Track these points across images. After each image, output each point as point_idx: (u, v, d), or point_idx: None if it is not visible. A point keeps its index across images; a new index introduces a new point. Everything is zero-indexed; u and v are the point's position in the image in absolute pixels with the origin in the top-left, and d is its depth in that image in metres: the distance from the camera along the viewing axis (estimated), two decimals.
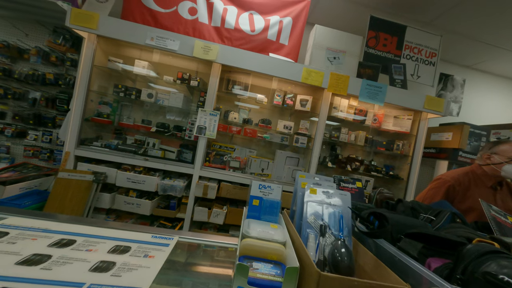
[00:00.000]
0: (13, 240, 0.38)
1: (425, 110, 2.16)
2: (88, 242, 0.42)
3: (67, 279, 0.31)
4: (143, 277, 0.35)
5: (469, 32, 2.34)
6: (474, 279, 0.29)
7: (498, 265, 0.28)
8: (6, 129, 2.05)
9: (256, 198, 0.60)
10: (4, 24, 2.10)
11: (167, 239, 0.48)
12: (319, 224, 0.48)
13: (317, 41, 2.02)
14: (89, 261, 0.37)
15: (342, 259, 0.39)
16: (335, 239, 0.44)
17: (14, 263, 0.33)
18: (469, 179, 1.38)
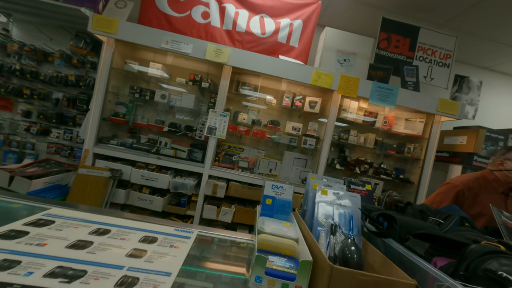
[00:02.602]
0: (59, 228, 0.44)
1: (438, 113, 2.11)
2: (121, 231, 0.47)
3: (109, 262, 0.36)
4: (171, 264, 0.39)
5: (485, 33, 2.27)
6: (476, 275, 0.31)
7: (499, 263, 0.30)
8: (32, 127, 2.20)
9: (269, 198, 0.63)
10: (31, 29, 2.26)
11: (188, 232, 0.53)
12: (330, 224, 0.50)
13: (327, 43, 2.03)
14: (125, 248, 0.42)
15: (352, 256, 0.42)
16: (345, 238, 0.47)
17: (64, 246, 0.38)
18: (480, 184, 1.36)
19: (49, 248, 0.37)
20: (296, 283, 0.38)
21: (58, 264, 0.34)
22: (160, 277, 0.36)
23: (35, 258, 0.34)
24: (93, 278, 0.32)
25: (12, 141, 2.19)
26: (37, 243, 0.38)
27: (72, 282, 0.31)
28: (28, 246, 0.36)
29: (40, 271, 0.31)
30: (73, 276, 0.32)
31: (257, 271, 0.38)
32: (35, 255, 0.35)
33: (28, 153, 2.24)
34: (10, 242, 0.36)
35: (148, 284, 0.33)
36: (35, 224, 0.44)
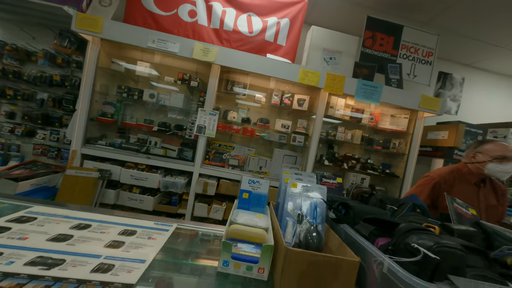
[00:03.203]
0: (41, 223, 0.46)
1: (421, 109, 2.20)
2: (102, 226, 0.50)
3: (87, 252, 0.39)
4: (147, 253, 0.43)
5: (466, 31, 2.36)
6: (399, 249, 0.37)
7: (417, 238, 0.36)
8: (16, 129, 2.15)
9: (246, 192, 0.67)
10: (12, 28, 2.19)
11: (168, 226, 0.56)
12: (297, 213, 0.55)
13: (314, 42, 2.07)
14: (103, 240, 0.45)
15: (312, 241, 0.47)
16: (309, 226, 0.52)
17: (45, 239, 0.41)
18: (454, 176, 1.45)
19: (30, 241, 0.40)
20: (259, 265, 0.43)
21: (39, 255, 0.37)
22: (134, 263, 0.39)
23: (16, 250, 0.37)
24: (71, 265, 0.36)
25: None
26: (18, 237, 0.40)
27: (51, 269, 0.34)
28: (10, 240, 0.39)
29: (20, 261, 0.35)
30: (52, 264, 0.35)
31: (224, 256, 0.42)
32: (17, 247, 0.38)
33: (13, 155, 2.20)
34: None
35: (122, 270, 0.37)
36: (18, 220, 0.46)
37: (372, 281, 0.38)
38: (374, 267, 0.37)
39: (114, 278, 0.35)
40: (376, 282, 0.37)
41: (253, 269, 0.43)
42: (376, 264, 0.36)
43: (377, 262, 0.36)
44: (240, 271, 0.43)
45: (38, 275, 0.32)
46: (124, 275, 0.36)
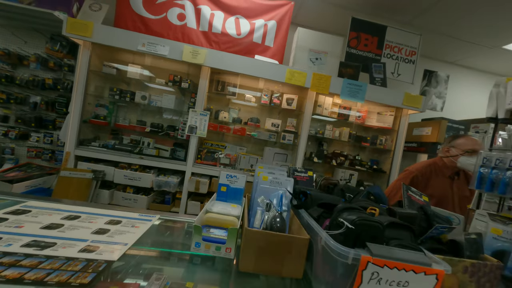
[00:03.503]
0: (35, 215, 0.53)
1: (404, 106, 2.29)
2: (90, 217, 0.57)
3: (76, 237, 0.46)
4: (129, 238, 0.50)
5: (447, 30, 2.46)
6: (333, 225, 0.44)
7: (347, 214, 0.43)
8: (10, 132, 2.18)
9: (224, 185, 0.74)
10: (4, 32, 2.22)
11: (151, 216, 0.63)
12: (266, 203, 0.62)
13: (300, 43, 2.14)
14: (91, 228, 0.52)
15: (276, 225, 0.54)
16: (275, 213, 0.59)
17: (39, 228, 0.47)
18: (431, 170, 1.54)
19: (25, 229, 0.46)
20: (226, 245, 0.50)
21: (33, 239, 0.43)
22: (117, 246, 0.46)
23: (13, 236, 0.43)
24: (61, 247, 0.42)
25: None
26: (15, 226, 0.47)
27: (43, 250, 0.40)
28: (8, 228, 0.45)
29: (17, 243, 0.41)
30: (44, 246, 0.41)
31: (196, 238, 0.49)
32: (14, 233, 0.44)
33: (7, 158, 2.23)
34: None
35: (106, 251, 0.44)
36: (14, 213, 0.53)
37: (317, 253, 0.46)
38: (318, 242, 0.44)
39: (98, 256, 0.41)
40: (318, 254, 0.44)
41: (221, 249, 0.50)
42: (319, 239, 0.43)
43: (319, 237, 0.43)
44: (210, 251, 0.50)
45: (32, 253, 0.39)
46: (107, 254, 0.42)
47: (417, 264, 0.36)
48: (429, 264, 0.36)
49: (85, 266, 0.38)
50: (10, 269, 0.35)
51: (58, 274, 0.36)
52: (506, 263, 0.53)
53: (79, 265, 0.38)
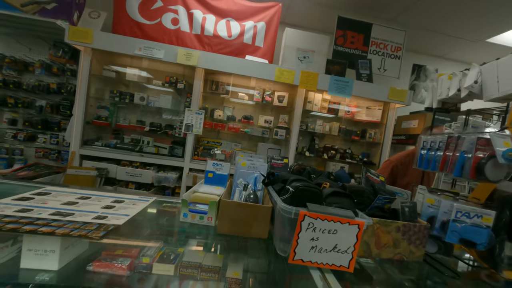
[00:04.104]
0: (55, 196, 0.66)
1: (390, 100, 2.39)
2: (99, 198, 0.71)
3: (89, 210, 0.59)
4: (131, 212, 0.63)
5: (432, 26, 2.55)
6: (284, 192, 0.57)
7: (295, 183, 0.56)
8: (19, 134, 2.33)
9: (210, 172, 0.87)
10: (9, 41, 2.35)
11: (149, 198, 0.76)
12: (243, 183, 0.75)
13: (288, 42, 2.25)
14: (100, 205, 0.65)
15: (249, 200, 0.67)
16: (250, 191, 0.72)
17: (59, 204, 0.61)
18: (410, 159, 1.66)
19: (49, 205, 0.60)
20: (208, 215, 0.63)
21: (56, 211, 0.57)
22: (121, 216, 0.59)
23: (40, 208, 0.57)
24: (78, 216, 0.56)
25: (0, 148, 2.32)
26: (41, 202, 0.60)
27: (66, 217, 0.54)
28: (36, 204, 0.59)
29: (46, 213, 0.55)
30: (66, 215, 0.55)
31: (183, 210, 0.62)
32: (40, 207, 0.58)
33: (17, 158, 2.38)
34: (24, 201, 0.59)
35: (113, 218, 0.57)
36: (38, 194, 0.66)
37: (276, 216, 0.58)
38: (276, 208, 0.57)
39: (107, 222, 0.55)
40: (276, 217, 0.57)
41: (204, 218, 0.63)
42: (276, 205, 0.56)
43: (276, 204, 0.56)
44: (195, 220, 0.63)
45: (58, 219, 0.52)
46: (114, 221, 0.56)
47: (343, 217, 0.48)
48: (353, 217, 0.48)
49: (97, 227, 0.52)
50: (43, 227, 0.48)
51: (79, 231, 0.49)
52: (434, 225, 0.65)
53: (93, 227, 0.52)
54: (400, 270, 0.62)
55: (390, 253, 0.62)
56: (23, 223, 0.48)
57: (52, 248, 0.51)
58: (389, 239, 0.61)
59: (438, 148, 0.76)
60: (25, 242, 0.50)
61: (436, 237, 0.66)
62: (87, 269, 0.53)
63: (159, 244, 0.65)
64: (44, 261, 0.51)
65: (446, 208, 0.63)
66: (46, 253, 0.51)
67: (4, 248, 0.52)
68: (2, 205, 0.55)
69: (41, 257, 0.51)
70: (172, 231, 0.68)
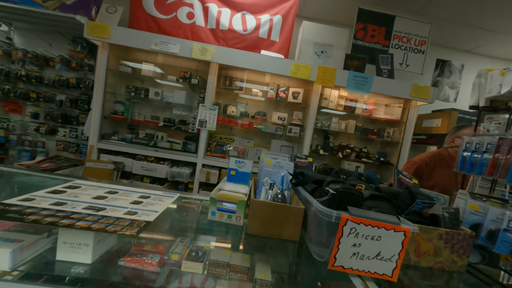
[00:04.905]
0: (84, 190, 0.67)
1: (412, 98, 2.27)
2: (125, 193, 0.71)
3: (119, 205, 0.59)
4: (158, 208, 0.62)
5: (459, 18, 2.37)
6: (322, 194, 0.53)
7: (333, 184, 0.52)
8: (41, 128, 2.43)
9: (233, 170, 0.85)
10: (31, 36, 2.43)
11: (172, 194, 0.76)
12: (269, 183, 0.73)
13: (305, 36, 2.17)
14: (128, 200, 0.65)
15: (278, 200, 0.64)
16: (277, 190, 0.69)
17: (90, 198, 0.61)
18: (436, 160, 1.56)
19: (81, 198, 0.61)
20: (236, 215, 0.61)
21: (88, 205, 0.57)
22: (150, 212, 0.59)
23: (74, 202, 0.57)
24: (110, 211, 0.55)
25: (24, 140, 2.42)
26: (73, 196, 0.61)
27: (99, 211, 0.54)
28: (69, 197, 0.59)
29: (79, 207, 0.55)
30: (98, 209, 0.55)
31: (212, 208, 0.61)
32: (73, 200, 0.58)
33: (39, 150, 2.49)
34: (57, 195, 0.60)
35: (143, 214, 0.56)
36: (69, 187, 0.67)
37: (310, 219, 0.55)
38: (311, 209, 0.54)
39: (138, 218, 0.54)
40: (311, 219, 0.54)
41: (232, 217, 0.61)
42: (311, 207, 0.53)
43: (311, 205, 0.53)
44: (223, 219, 0.61)
45: (91, 214, 0.52)
46: (144, 217, 0.55)
47: (388, 223, 0.44)
48: (398, 223, 0.44)
49: (130, 223, 0.51)
50: (79, 221, 0.48)
51: (113, 227, 0.49)
52: (480, 233, 0.60)
53: (126, 222, 0.51)
54: (441, 280, 0.57)
55: (430, 262, 0.58)
56: (60, 216, 0.49)
57: (86, 242, 0.51)
58: (429, 247, 0.57)
59: (486, 151, 0.69)
60: (60, 235, 0.51)
61: (479, 246, 0.60)
62: (118, 263, 0.53)
63: (186, 241, 0.64)
64: (78, 254, 0.51)
65: (495, 216, 0.58)
66: (80, 246, 0.51)
67: (41, 240, 0.53)
68: (38, 197, 0.56)
69: (76, 250, 0.52)
70: (198, 228, 0.67)
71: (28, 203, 0.52)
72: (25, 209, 0.50)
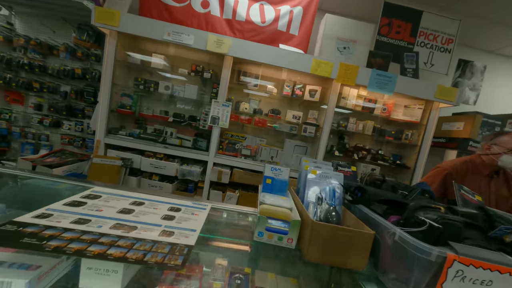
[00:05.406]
0: (107, 200, 0.57)
1: (436, 99, 2.15)
2: (152, 204, 0.61)
3: (150, 222, 0.49)
4: (194, 225, 0.52)
5: (490, 15, 2.22)
6: (409, 222, 0.44)
7: (424, 213, 0.43)
8: (44, 120, 2.32)
9: (268, 178, 0.75)
10: (33, 22, 2.28)
11: (203, 205, 0.66)
12: (317, 196, 0.63)
13: (327, 31, 2.03)
14: (158, 214, 0.55)
15: (332, 219, 0.55)
16: (328, 206, 0.59)
17: (115, 212, 0.51)
18: (467, 167, 1.46)
19: (105, 212, 0.51)
20: (288, 236, 0.51)
21: (116, 222, 0.47)
22: (188, 231, 0.49)
23: (98, 218, 0.47)
24: (143, 230, 0.46)
25: (27, 133, 2.32)
26: (96, 209, 0.51)
27: (130, 232, 0.44)
28: (91, 211, 0.50)
29: (106, 225, 0.45)
30: (128, 228, 0.45)
31: (259, 228, 0.51)
32: (98, 216, 0.48)
33: (43, 144, 2.39)
34: (77, 208, 0.50)
35: (181, 235, 0.47)
36: (88, 197, 0.57)
37: (385, 248, 0.46)
38: (387, 238, 0.44)
39: (176, 241, 0.44)
40: (388, 249, 0.44)
41: (283, 239, 0.52)
42: (389, 235, 0.44)
43: (390, 233, 0.44)
44: (272, 241, 0.52)
45: (123, 235, 0.42)
46: (183, 239, 0.45)
47: (502, 265, 0.35)
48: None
49: (171, 249, 0.42)
50: (111, 248, 0.39)
51: (153, 255, 0.39)
52: None
53: (166, 248, 0.42)
54: None
55: None
56: (87, 241, 0.39)
57: (115, 268, 0.42)
58: None
59: None
60: (84, 260, 0.42)
61: None
62: None
63: (225, 263, 0.55)
64: (106, 281, 0.42)
65: None
66: (108, 273, 0.42)
67: (60, 263, 0.44)
68: (56, 212, 0.46)
69: (103, 277, 0.43)
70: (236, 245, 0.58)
71: (45, 221, 0.43)
72: (43, 231, 0.40)
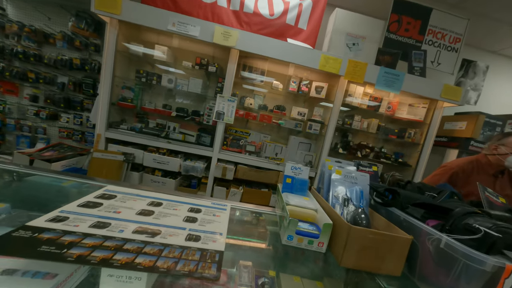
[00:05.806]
0: (123, 200, 0.53)
1: (442, 99, 2.14)
2: (170, 204, 0.57)
3: (173, 225, 0.46)
4: (219, 227, 0.49)
5: (498, 14, 2.20)
6: (457, 229, 0.42)
7: (474, 219, 0.41)
8: (41, 112, 2.22)
9: (289, 177, 0.73)
10: (26, 8, 2.15)
11: (223, 205, 0.63)
12: (343, 198, 0.60)
13: (337, 26, 1.98)
14: (179, 216, 0.52)
15: (362, 221, 0.53)
16: (355, 208, 0.57)
17: (134, 213, 0.48)
18: (473, 167, 1.47)
19: (123, 214, 0.47)
20: (319, 240, 0.49)
21: (138, 226, 0.43)
22: (215, 235, 0.46)
23: (118, 221, 0.44)
24: (168, 235, 0.42)
25: (23, 125, 2.23)
26: (113, 211, 0.47)
27: (154, 237, 0.40)
28: (109, 213, 0.46)
29: (128, 230, 0.41)
30: (153, 233, 0.41)
31: (289, 232, 0.49)
32: (117, 219, 0.44)
33: (40, 137, 2.30)
34: (93, 209, 0.46)
35: (208, 239, 0.44)
36: (103, 197, 0.53)
37: (425, 255, 0.44)
38: (428, 244, 0.43)
39: (205, 246, 0.41)
40: (429, 256, 0.43)
41: (313, 243, 0.50)
42: (431, 241, 0.42)
43: (432, 239, 0.42)
44: (302, 245, 0.50)
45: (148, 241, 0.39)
46: (211, 244, 0.42)
47: None
48: None
49: (201, 255, 0.38)
50: (139, 256, 0.35)
51: (184, 263, 0.36)
52: None
53: (196, 255, 0.38)
54: None
55: None
56: (111, 248, 0.36)
57: (139, 274, 0.39)
58: None
59: None
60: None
61: None
62: None
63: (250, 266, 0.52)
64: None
65: None
66: (131, 280, 0.39)
67: (78, 269, 0.40)
68: (72, 215, 0.42)
69: (125, 285, 0.39)
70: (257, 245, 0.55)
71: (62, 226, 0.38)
72: (61, 237, 0.37)
